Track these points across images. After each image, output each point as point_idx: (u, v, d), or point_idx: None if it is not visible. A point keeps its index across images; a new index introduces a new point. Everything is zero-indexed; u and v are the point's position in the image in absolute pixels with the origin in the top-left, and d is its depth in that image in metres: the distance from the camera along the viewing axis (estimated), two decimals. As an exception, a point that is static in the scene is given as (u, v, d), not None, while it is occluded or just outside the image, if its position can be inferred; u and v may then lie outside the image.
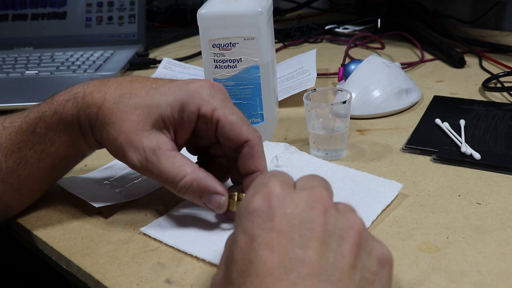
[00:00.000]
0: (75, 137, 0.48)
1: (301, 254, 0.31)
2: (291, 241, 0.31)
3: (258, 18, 0.58)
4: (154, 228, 0.49)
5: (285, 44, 1.09)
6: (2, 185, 0.48)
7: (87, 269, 0.45)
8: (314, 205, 0.33)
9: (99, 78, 0.53)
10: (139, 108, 0.46)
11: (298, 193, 0.34)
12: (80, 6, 1.12)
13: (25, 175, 0.49)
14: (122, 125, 0.45)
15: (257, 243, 0.32)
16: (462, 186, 0.53)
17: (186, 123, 0.46)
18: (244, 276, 0.31)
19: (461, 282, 0.40)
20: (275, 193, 0.34)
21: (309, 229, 0.32)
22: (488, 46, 0.95)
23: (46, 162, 0.49)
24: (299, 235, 0.32)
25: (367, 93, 0.70)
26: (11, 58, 1.01)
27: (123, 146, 0.45)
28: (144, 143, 0.45)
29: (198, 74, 0.91)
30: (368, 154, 0.60)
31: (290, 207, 0.33)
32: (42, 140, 0.48)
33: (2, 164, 0.48)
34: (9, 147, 0.48)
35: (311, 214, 0.33)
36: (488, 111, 0.67)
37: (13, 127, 0.48)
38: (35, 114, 0.48)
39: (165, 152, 0.45)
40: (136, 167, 0.46)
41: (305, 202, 0.33)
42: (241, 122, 0.46)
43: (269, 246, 0.31)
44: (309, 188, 0.35)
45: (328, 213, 0.33)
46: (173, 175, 0.44)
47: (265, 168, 0.47)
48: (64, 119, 0.47)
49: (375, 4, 1.24)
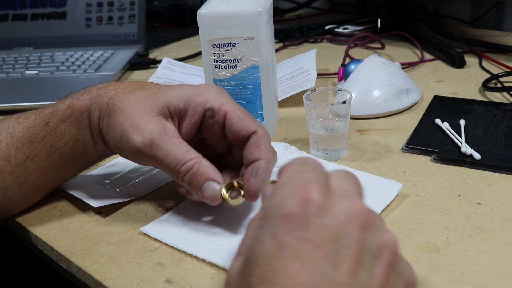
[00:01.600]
0: (83, 131, 0.49)
1: (333, 272, 0.29)
2: (324, 256, 0.29)
3: (258, 18, 0.58)
4: (154, 228, 0.49)
5: (285, 44, 1.09)
6: (9, 178, 0.49)
7: (87, 269, 0.45)
8: (352, 219, 0.30)
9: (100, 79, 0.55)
10: (148, 97, 0.48)
11: (337, 203, 0.31)
12: (80, 6, 1.12)
13: (32, 169, 0.49)
14: (129, 111, 0.47)
15: (286, 252, 0.29)
16: (462, 186, 0.53)
17: (191, 115, 0.47)
18: (266, 285, 0.29)
19: (461, 282, 0.40)
20: (313, 200, 0.31)
21: (344, 246, 0.29)
22: (488, 46, 0.95)
23: (54, 157, 0.50)
24: (333, 250, 0.29)
25: (367, 93, 0.70)
26: (11, 58, 1.01)
27: (128, 129, 0.46)
28: (149, 126, 0.46)
29: (198, 74, 0.91)
30: (368, 154, 0.60)
31: (327, 218, 0.30)
32: (53, 133, 0.49)
33: (11, 157, 0.49)
34: (21, 140, 0.49)
35: (348, 229, 0.30)
36: (488, 111, 0.67)
37: (27, 122, 0.50)
38: (49, 109, 0.50)
39: (171, 137, 0.46)
40: (137, 151, 0.46)
41: (343, 214, 0.31)
42: (248, 116, 0.47)
43: (301, 259, 0.29)
44: (348, 197, 0.32)
45: (366, 230, 0.30)
46: (178, 159, 0.45)
47: (270, 159, 0.45)
48: (77, 111, 0.49)
49: (375, 4, 1.24)
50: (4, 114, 0.51)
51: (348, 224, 0.30)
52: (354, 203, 0.31)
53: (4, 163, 0.49)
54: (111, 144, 0.48)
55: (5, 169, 0.49)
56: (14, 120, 0.50)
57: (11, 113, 0.53)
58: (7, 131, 0.49)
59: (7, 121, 0.51)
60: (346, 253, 0.29)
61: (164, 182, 0.56)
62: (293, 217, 0.30)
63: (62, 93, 0.53)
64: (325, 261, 0.29)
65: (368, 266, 0.30)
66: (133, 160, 0.48)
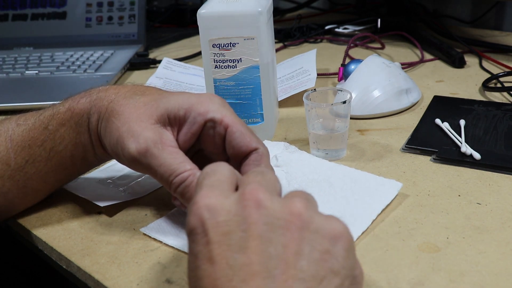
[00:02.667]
0: (82, 135, 0.49)
1: (241, 258, 0.30)
2: (228, 248, 0.31)
3: (258, 18, 0.58)
4: (154, 228, 0.49)
5: (285, 44, 1.09)
6: (9, 182, 0.49)
7: (87, 269, 0.45)
8: (245, 203, 0.32)
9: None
10: (148, 103, 0.47)
11: (229, 198, 0.33)
12: (80, 6, 1.12)
13: (31, 173, 0.49)
14: (127, 116, 0.46)
15: (199, 259, 0.32)
16: (462, 186, 0.53)
17: (191, 124, 0.46)
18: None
19: (461, 282, 0.40)
20: (203, 206, 0.33)
21: (245, 230, 0.31)
22: (488, 46, 0.95)
23: (53, 161, 0.49)
24: (237, 239, 0.31)
25: (367, 93, 0.70)
26: (11, 58, 1.01)
27: (124, 134, 0.45)
28: (146, 134, 0.45)
29: (198, 74, 0.91)
30: (368, 154, 0.60)
31: (222, 214, 0.32)
32: (53, 137, 0.49)
33: (11, 160, 0.48)
34: (20, 143, 0.49)
35: (244, 213, 0.32)
36: (488, 111, 0.67)
37: (27, 125, 0.49)
38: (49, 112, 0.50)
39: (167, 147, 0.45)
40: (131, 158, 0.45)
41: (235, 204, 0.33)
42: (250, 132, 0.46)
43: (210, 259, 0.31)
44: (241, 188, 0.34)
45: (262, 207, 0.32)
46: (173, 169, 0.44)
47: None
48: (77, 114, 0.48)
49: (375, 4, 1.24)
50: (4, 114, 0.51)
51: (242, 210, 0.32)
52: (245, 189, 0.33)
53: (4, 167, 0.48)
54: (108, 149, 0.47)
55: (4, 173, 0.48)
56: (14, 122, 0.50)
57: (11, 113, 0.53)
58: (7, 133, 0.49)
59: (7, 123, 0.50)
60: (249, 236, 0.31)
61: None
62: (194, 229, 0.33)
63: (62, 93, 0.53)
64: (232, 252, 0.31)
65: (277, 239, 0.31)
66: (129, 166, 0.47)
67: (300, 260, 0.30)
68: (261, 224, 0.31)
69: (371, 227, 0.47)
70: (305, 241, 0.31)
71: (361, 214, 0.48)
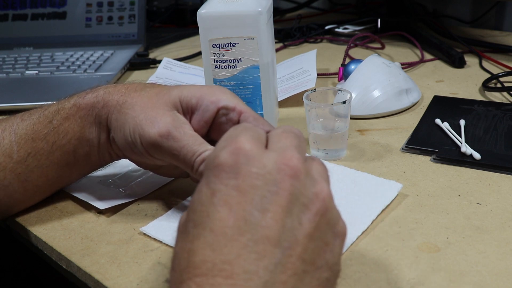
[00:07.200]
0: (87, 129, 0.49)
1: (258, 217, 0.30)
2: (251, 202, 0.31)
3: (258, 18, 0.58)
4: (154, 228, 0.49)
5: (285, 44, 1.09)
6: (10, 174, 0.49)
7: (87, 269, 0.45)
8: (282, 167, 0.32)
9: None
10: (160, 93, 0.48)
11: (267, 153, 0.33)
12: (80, 6, 1.12)
13: (33, 166, 0.49)
14: (142, 105, 0.47)
15: (217, 198, 0.31)
16: (462, 186, 0.53)
17: (204, 112, 0.47)
18: (199, 229, 0.31)
19: (461, 282, 0.40)
20: (243, 149, 0.32)
21: (272, 192, 0.31)
22: (488, 46, 0.95)
23: (56, 155, 0.50)
24: (261, 197, 0.31)
25: (367, 93, 0.70)
26: (11, 58, 1.01)
27: (142, 122, 0.46)
28: (165, 119, 0.46)
29: (198, 74, 0.91)
30: (368, 154, 0.60)
31: (256, 166, 0.32)
32: (56, 131, 0.49)
33: (14, 153, 0.49)
34: (24, 136, 0.49)
35: (277, 176, 0.31)
36: (488, 111, 0.67)
37: (31, 119, 0.50)
38: (54, 107, 0.50)
39: (187, 130, 0.46)
40: (152, 142, 0.45)
41: (273, 163, 0.32)
42: (264, 119, 0.48)
43: (228, 204, 0.31)
44: (280, 149, 0.33)
45: (296, 178, 0.32)
46: (195, 149, 0.44)
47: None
48: (83, 109, 0.49)
49: (375, 4, 1.24)
50: (4, 114, 0.51)
51: (278, 172, 0.32)
52: (286, 153, 0.33)
53: (6, 159, 0.49)
54: (120, 142, 0.48)
55: (6, 166, 0.49)
56: (19, 118, 0.51)
57: (11, 113, 0.53)
58: (11, 128, 0.50)
59: (12, 119, 0.51)
60: (274, 200, 0.31)
61: (167, 180, 0.56)
62: (224, 166, 0.32)
63: (62, 93, 0.53)
64: (252, 207, 0.31)
65: (296, 214, 0.31)
66: (144, 155, 0.47)
67: (310, 243, 0.31)
68: (288, 194, 0.31)
69: (371, 227, 0.47)
70: (319, 228, 0.32)
71: (361, 214, 0.48)
